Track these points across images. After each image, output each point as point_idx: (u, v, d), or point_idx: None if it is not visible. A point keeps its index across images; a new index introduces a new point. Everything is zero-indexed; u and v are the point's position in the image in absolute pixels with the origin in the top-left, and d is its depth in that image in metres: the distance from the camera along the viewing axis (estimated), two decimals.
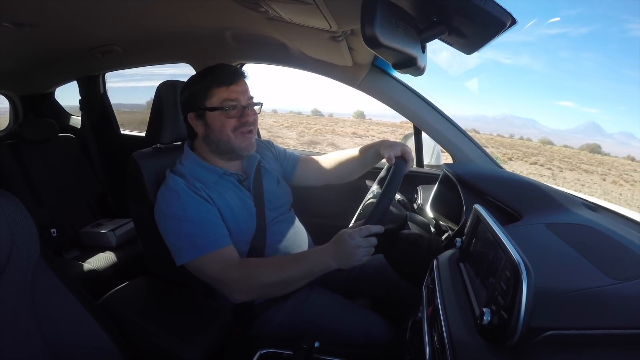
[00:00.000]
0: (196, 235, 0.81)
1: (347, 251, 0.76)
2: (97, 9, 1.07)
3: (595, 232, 0.69)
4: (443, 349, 0.49)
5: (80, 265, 1.45)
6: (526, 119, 24.91)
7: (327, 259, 0.78)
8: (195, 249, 0.80)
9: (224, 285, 0.81)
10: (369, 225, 0.78)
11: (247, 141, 0.89)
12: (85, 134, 1.98)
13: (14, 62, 1.67)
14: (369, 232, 0.77)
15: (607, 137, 20.04)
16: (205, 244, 0.80)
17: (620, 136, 20.57)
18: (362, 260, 0.77)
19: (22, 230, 0.61)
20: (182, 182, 0.84)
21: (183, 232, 0.81)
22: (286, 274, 0.80)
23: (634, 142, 18.75)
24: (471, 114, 35.65)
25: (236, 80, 0.86)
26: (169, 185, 0.84)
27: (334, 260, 0.78)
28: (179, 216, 0.81)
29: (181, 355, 0.74)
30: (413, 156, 0.94)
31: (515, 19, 0.61)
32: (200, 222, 0.81)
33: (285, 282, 0.81)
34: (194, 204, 0.82)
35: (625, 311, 0.47)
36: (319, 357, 0.72)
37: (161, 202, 0.84)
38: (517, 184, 0.95)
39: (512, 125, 20.66)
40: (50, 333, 0.62)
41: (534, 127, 21.30)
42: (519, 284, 0.41)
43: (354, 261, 0.77)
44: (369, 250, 0.77)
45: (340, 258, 0.77)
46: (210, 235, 0.82)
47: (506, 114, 35.38)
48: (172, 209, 0.82)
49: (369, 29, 0.56)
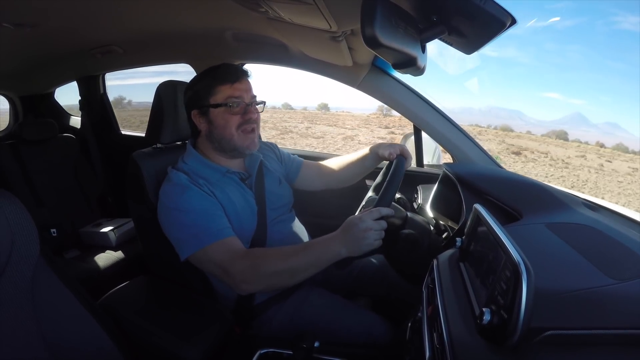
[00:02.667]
0: (200, 226, 0.80)
1: (358, 235, 0.72)
2: (97, 10, 1.07)
3: (596, 232, 0.69)
4: (443, 348, 0.49)
5: (80, 265, 1.45)
6: (512, 111, 25.14)
7: (336, 245, 0.75)
8: (199, 240, 0.80)
9: (229, 275, 0.79)
10: (379, 207, 0.75)
11: (249, 139, 0.90)
12: (85, 134, 1.98)
13: (14, 63, 1.67)
14: (380, 214, 0.74)
15: (592, 127, 20.17)
16: (210, 235, 0.80)
17: (605, 126, 20.70)
18: (374, 245, 0.73)
19: (22, 230, 0.61)
20: (185, 177, 0.85)
21: (187, 224, 0.81)
22: (292, 263, 0.77)
23: (619, 132, 18.84)
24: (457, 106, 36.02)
25: (240, 78, 0.88)
26: (172, 180, 0.85)
27: (343, 246, 0.74)
28: (182, 208, 0.81)
29: (181, 354, 0.74)
30: (412, 155, 0.95)
31: (515, 19, 0.61)
32: (204, 213, 0.81)
33: (291, 271, 0.78)
34: (197, 196, 0.83)
35: (625, 311, 0.47)
36: (318, 357, 0.72)
37: (163, 198, 0.84)
38: (517, 184, 0.95)
39: (497, 116, 20.71)
40: (50, 333, 0.62)
41: (520, 118, 21.35)
42: (518, 284, 0.41)
43: (364, 245, 0.72)
44: (379, 234, 0.73)
45: (350, 243, 0.73)
46: (215, 225, 0.81)
47: (492, 105, 35.69)
48: (176, 202, 0.82)
49: (369, 29, 0.56)
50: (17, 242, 0.60)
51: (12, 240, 0.59)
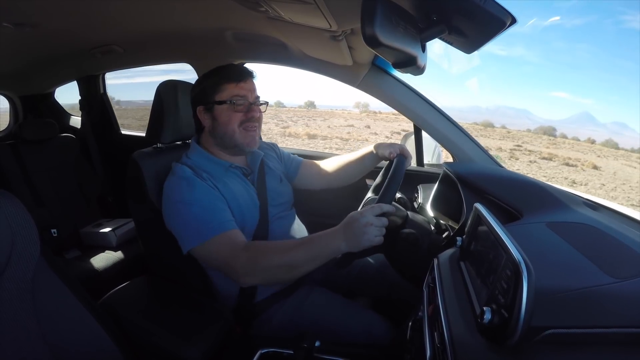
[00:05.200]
0: (203, 219, 0.81)
1: (358, 230, 0.71)
2: (97, 9, 1.07)
3: (596, 231, 0.69)
4: (444, 348, 0.49)
5: (81, 265, 1.45)
6: (519, 110, 25.19)
7: (336, 240, 0.74)
8: (201, 233, 0.81)
9: (231, 268, 0.80)
10: (381, 203, 0.74)
11: (249, 137, 0.92)
12: (85, 134, 1.98)
13: (14, 63, 1.68)
14: (381, 210, 0.73)
15: (600, 127, 20.19)
16: (212, 228, 0.81)
17: (613, 126, 20.71)
18: (374, 241, 0.72)
19: (22, 230, 0.61)
20: (190, 171, 0.86)
21: (190, 217, 0.82)
22: (292, 256, 0.77)
23: (627, 132, 18.88)
24: (464, 105, 36.00)
25: (245, 78, 0.91)
26: (177, 174, 0.87)
27: (344, 241, 0.73)
28: (186, 201, 0.82)
29: (181, 354, 0.74)
30: (412, 155, 0.95)
31: (515, 18, 0.61)
32: (207, 206, 0.83)
33: (291, 264, 0.77)
34: (200, 188, 0.84)
35: (626, 310, 0.46)
36: (319, 356, 0.72)
37: (168, 191, 0.86)
38: (517, 183, 0.95)
39: (505, 115, 20.85)
40: (51, 333, 0.62)
41: (527, 117, 21.46)
42: (519, 283, 0.41)
43: (364, 241, 0.71)
44: (380, 230, 0.72)
45: (351, 238, 0.72)
46: (217, 218, 0.82)
47: (499, 104, 35.57)
48: (180, 195, 0.83)
49: (369, 28, 0.56)
50: (17, 243, 0.60)
51: (12, 241, 0.59)
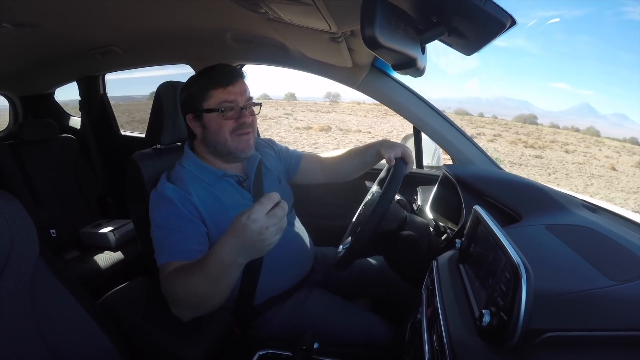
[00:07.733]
0: (158, 241, 0.79)
1: (252, 239, 0.59)
2: (97, 10, 1.07)
3: (595, 234, 0.69)
4: (442, 350, 0.49)
5: (80, 265, 1.45)
6: (520, 101, 25.08)
7: (230, 256, 0.62)
8: (158, 257, 0.78)
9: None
10: (267, 194, 0.61)
11: (243, 143, 0.87)
12: (85, 135, 1.98)
13: (14, 63, 1.68)
14: (272, 202, 0.60)
15: (601, 118, 20.14)
16: (162, 252, 0.77)
17: (613, 117, 20.66)
18: (275, 242, 0.61)
19: (21, 230, 0.61)
20: (171, 188, 0.82)
21: (154, 236, 0.80)
22: (194, 285, 0.68)
23: (628, 124, 18.80)
24: (464, 96, 36.02)
25: (234, 81, 0.85)
26: (157, 188, 0.85)
27: (239, 255, 0.62)
28: (153, 218, 0.81)
29: (180, 355, 0.74)
30: (413, 158, 0.93)
31: (515, 20, 0.61)
32: (167, 229, 0.79)
33: (196, 294, 0.69)
34: (167, 210, 0.80)
35: (625, 312, 0.47)
36: (318, 358, 0.71)
37: (151, 202, 0.84)
38: (516, 185, 0.95)
39: (505, 107, 20.82)
40: (50, 333, 0.62)
41: (527, 108, 21.46)
42: (518, 285, 0.41)
43: (265, 247, 0.61)
44: (279, 227, 0.61)
45: (246, 250, 0.61)
46: (169, 245, 0.77)
47: (499, 95, 35.50)
48: (151, 211, 0.82)
49: (369, 30, 0.56)
50: (16, 243, 0.60)
51: (11, 241, 0.59)
